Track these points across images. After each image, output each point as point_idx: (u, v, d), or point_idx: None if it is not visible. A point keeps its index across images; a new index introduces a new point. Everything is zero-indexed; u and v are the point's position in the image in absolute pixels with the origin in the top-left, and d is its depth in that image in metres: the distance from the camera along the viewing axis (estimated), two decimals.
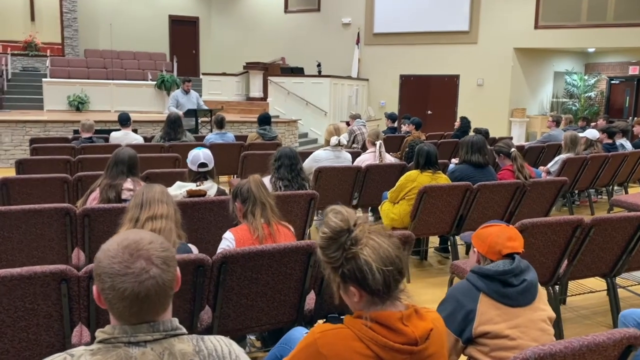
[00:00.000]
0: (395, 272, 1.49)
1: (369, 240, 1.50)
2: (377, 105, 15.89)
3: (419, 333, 1.47)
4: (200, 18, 17.96)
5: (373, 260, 1.47)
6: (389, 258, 1.48)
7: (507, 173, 4.85)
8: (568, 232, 3.39)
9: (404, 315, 1.49)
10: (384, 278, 1.46)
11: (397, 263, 1.50)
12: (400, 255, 1.53)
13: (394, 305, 1.50)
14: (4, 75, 13.93)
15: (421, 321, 1.52)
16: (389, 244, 1.52)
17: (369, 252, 1.48)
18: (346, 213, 1.56)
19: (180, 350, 1.28)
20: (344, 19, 16.11)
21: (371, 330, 1.46)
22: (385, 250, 1.49)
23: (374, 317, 1.48)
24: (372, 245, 1.49)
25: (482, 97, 14.71)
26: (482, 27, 14.60)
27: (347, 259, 1.50)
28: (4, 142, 9.92)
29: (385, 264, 1.47)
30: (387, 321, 1.47)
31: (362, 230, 1.52)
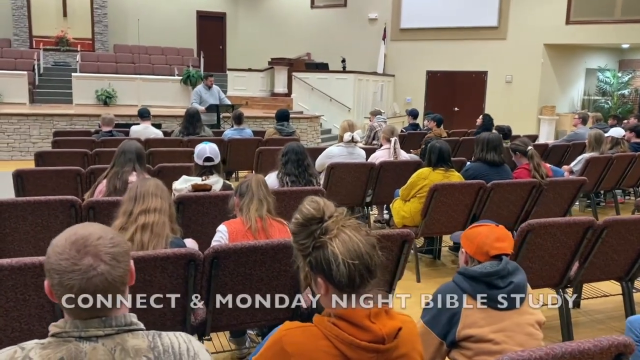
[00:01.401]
0: (362, 268, 1.44)
1: (341, 232, 1.47)
2: (403, 101, 15.74)
3: (386, 331, 1.43)
4: (227, 14, 18.06)
5: (340, 252, 1.43)
6: (357, 252, 1.44)
7: (523, 172, 4.72)
8: (579, 234, 3.28)
9: (372, 313, 1.44)
10: (348, 272, 1.42)
11: (365, 259, 1.45)
12: (371, 253, 1.48)
13: (361, 302, 1.46)
14: (36, 70, 14.26)
15: (390, 320, 1.47)
16: (362, 240, 1.47)
17: (337, 243, 1.44)
18: (323, 203, 1.54)
19: (134, 346, 1.26)
20: (370, 14, 15.99)
21: (337, 328, 1.42)
22: (355, 245, 1.45)
23: (340, 313, 1.44)
24: (342, 238, 1.45)
25: (510, 94, 14.43)
26: (512, 23, 14.30)
27: (315, 248, 1.48)
28: (32, 135, 10.16)
29: (352, 258, 1.43)
30: (353, 318, 1.43)
31: (335, 222, 1.49)
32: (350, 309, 1.44)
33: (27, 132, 10.18)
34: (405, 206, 4.65)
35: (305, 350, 1.42)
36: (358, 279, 1.44)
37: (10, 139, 10.10)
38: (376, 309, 1.45)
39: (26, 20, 15.93)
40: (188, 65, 15.21)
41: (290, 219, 4.09)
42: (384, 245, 2.84)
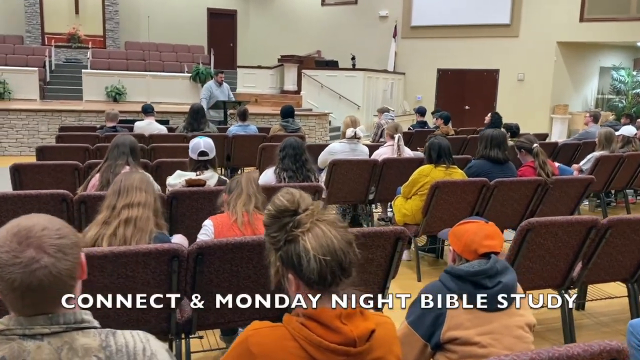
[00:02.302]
0: (334, 265, 1.36)
1: (314, 226, 1.39)
2: (414, 99, 15.60)
3: (358, 333, 1.34)
4: (238, 11, 18.05)
5: (311, 247, 1.35)
6: (329, 248, 1.35)
7: (528, 170, 4.60)
8: (581, 233, 3.16)
9: (343, 313, 1.36)
10: (319, 268, 1.34)
11: (338, 256, 1.37)
12: (346, 250, 1.39)
13: (333, 302, 1.37)
14: (47, 67, 14.33)
15: (363, 321, 1.38)
16: (336, 235, 1.39)
17: (309, 237, 1.36)
18: (298, 196, 1.46)
19: (83, 344, 1.19)
20: (381, 11, 15.87)
21: (305, 328, 1.34)
22: (328, 240, 1.37)
23: (309, 313, 1.36)
24: (315, 232, 1.37)
25: (522, 93, 14.23)
26: (524, 20, 14.11)
27: (287, 241, 1.40)
28: (41, 131, 10.19)
29: (324, 254, 1.35)
30: (322, 318, 1.34)
31: (309, 216, 1.41)
32: (320, 309, 1.35)
33: (35, 127, 10.22)
34: (406, 204, 4.55)
35: (271, 351, 1.34)
36: (329, 276, 1.36)
37: (19, 135, 10.15)
38: (348, 310, 1.36)
39: (38, 17, 16.03)
40: (198, 62, 15.20)
41: None
42: (377, 243, 2.78)
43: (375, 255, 2.79)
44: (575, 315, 3.88)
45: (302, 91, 13.86)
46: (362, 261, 2.82)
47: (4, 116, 10.08)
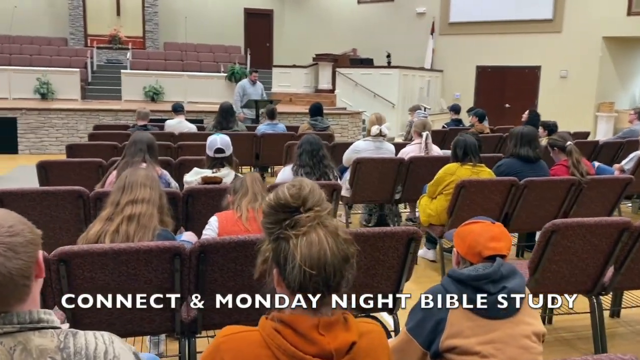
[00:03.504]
0: (320, 281, 1.23)
1: (312, 232, 1.26)
2: (452, 97, 15.25)
3: (335, 345, 1.23)
4: (274, 11, 18.08)
5: (300, 255, 1.23)
6: (319, 261, 1.23)
7: (561, 169, 4.38)
8: (613, 236, 2.96)
9: (322, 323, 1.25)
10: (302, 279, 1.23)
11: (327, 272, 1.24)
12: (338, 266, 1.25)
13: (314, 308, 1.27)
14: (89, 67, 14.70)
15: (344, 332, 1.27)
16: (333, 248, 1.25)
17: (302, 243, 1.24)
18: (307, 191, 1.31)
19: (39, 345, 1.13)
20: (418, 8, 15.61)
21: (280, 336, 1.24)
22: (321, 252, 1.24)
23: (286, 320, 1.26)
24: (310, 239, 1.24)
25: (565, 90, 13.73)
26: (568, 15, 13.61)
27: (279, 237, 1.29)
28: (79, 130, 10.44)
29: (311, 266, 1.23)
30: (298, 327, 1.24)
31: (311, 218, 1.27)
32: (297, 316, 1.25)
33: (74, 126, 10.48)
34: (431, 204, 4.41)
35: (243, 359, 1.26)
36: (311, 291, 1.25)
37: (59, 133, 10.43)
38: (327, 319, 1.25)
39: (82, 20, 16.46)
40: (235, 62, 15.29)
41: None
42: (389, 244, 2.66)
43: (387, 257, 2.68)
44: (609, 323, 3.68)
45: (337, 90, 13.75)
46: (373, 262, 2.73)
47: (45, 115, 10.37)
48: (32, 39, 15.55)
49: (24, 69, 12.88)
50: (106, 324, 2.47)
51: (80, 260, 2.26)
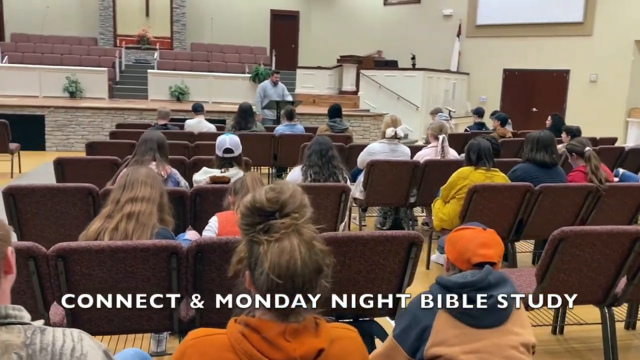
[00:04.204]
0: (287, 291, 1.21)
1: (285, 239, 1.22)
2: (478, 100, 15.06)
3: (301, 352, 1.21)
4: (300, 12, 18.13)
5: (268, 262, 1.21)
6: (288, 271, 1.20)
7: (579, 175, 4.26)
8: (625, 246, 2.86)
9: (289, 329, 1.23)
10: (269, 287, 1.22)
11: (295, 282, 1.21)
12: (309, 277, 1.22)
13: (282, 314, 1.25)
14: (117, 67, 14.96)
15: (312, 338, 1.24)
16: (305, 258, 1.22)
17: (272, 250, 1.21)
18: (286, 196, 1.27)
19: (4, 341, 1.14)
20: (445, 10, 15.46)
21: (246, 341, 1.23)
22: (292, 261, 1.20)
23: (253, 324, 1.24)
24: (282, 247, 1.21)
25: (595, 95, 13.42)
26: (599, 18, 13.30)
27: (253, 240, 1.27)
28: (105, 128, 10.61)
29: (279, 275, 1.20)
30: (265, 332, 1.22)
31: (286, 225, 1.24)
32: (264, 321, 1.24)
33: (100, 124, 10.67)
34: (444, 208, 4.35)
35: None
36: (277, 299, 1.22)
37: (85, 131, 10.63)
38: (294, 325, 1.23)
39: (111, 20, 16.77)
40: (260, 63, 15.37)
41: (313, 216, 3.87)
42: (389, 248, 2.62)
43: (387, 261, 2.64)
44: (624, 335, 3.58)
45: (360, 91, 13.71)
46: (373, 266, 2.69)
47: (72, 113, 10.59)
48: (63, 38, 15.91)
49: (54, 67, 13.18)
50: (105, 321, 2.49)
51: (77, 256, 2.28)
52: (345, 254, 2.59)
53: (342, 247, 2.56)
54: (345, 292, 2.69)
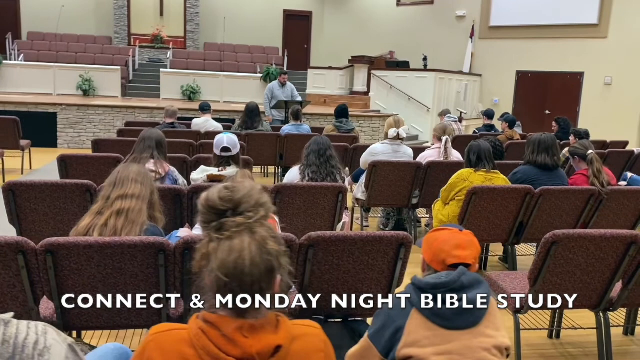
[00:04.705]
0: (236, 289, 1.22)
1: (235, 237, 1.23)
2: (490, 102, 14.95)
3: (258, 348, 1.22)
4: (313, 12, 18.15)
5: (218, 260, 1.23)
6: (235, 270, 1.21)
7: (581, 178, 4.22)
8: (619, 250, 2.83)
9: (246, 325, 1.24)
10: (217, 285, 1.23)
11: (244, 281, 1.22)
12: (258, 276, 1.22)
13: (239, 311, 1.25)
14: (130, 66, 15.10)
15: (270, 335, 1.25)
16: (255, 257, 1.22)
17: (222, 248, 1.23)
18: (241, 194, 1.28)
19: None
20: (458, 11, 15.37)
21: (204, 337, 1.24)
22: (239, 260, 1.21)
23: (212, 320, 1.25)
24: (232, 245, 1.22)
25: (609, 98, 13.26)
26: (614, 20, 13.13)
27: (208, 238, 1.29)
28: (115, 126, 10.71)
29: (226, 273, 1.21)
30: (223, 328, 1.24)
31: (237, 224, 1.25)
32: (222, 317, 1.25)
33: (111, 122, 10.77)
34: (444, 209, 4.33)
35: (169, 358, 1.25)
36: (230, 297, 1.23)
37: (97, 129, 10.74)
38: (252, 322, 1.24)
39: (126, 19, 16.93)
40: (272, 63, 15.42)
41: (310, 216, 3.88)
42: (377, 248, 2.61)
43: (376, 261, 2.64)
44: (622, 340, 3.53)
45: (371, 92, 13.69)
46: (362, 266, 2.69)
47: (84, 111, 10.71)
48: (78, 37, 16.10)
49: (68, 66, 13.34)
50: (94, 316, 2.52)
51: (66, 251, 2.31)
52: (333, 254, 2.59)
53: (331, 247, 2.57)
54: (335, 292, 2.72)
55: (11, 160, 7.84)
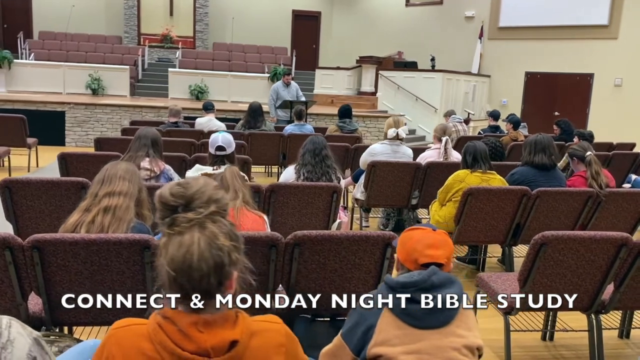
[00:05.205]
0: (184, 284, 1.23)
1: (186, 233, 1.24)
2: (499, 103, 14.86)
3: (212, 343, 1.22)
4: (322, 13, 18.16)
5: (168, 255, 1.23)
6: (183, 265, 1.21)
7: (579, 180, 4.19)
8: (609, 252, 2.81)
9: (202, 320, 1.24)
10: (167, 280, 1.24)
11: (193, 276, 1.22)
12: (207, 271, 1.22)
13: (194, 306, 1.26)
14: (139, 65, 15.20)
15: (227, 330, 1.26)
16: (204, 252, 1.22)
17: (172, 243, 1.23)
18: (194, 190, 1.28)
19: None
20: (467, 12, 15.30)
21: (161, 331, 1.25)
22: (187, 255, 1.22)
23: (169, 315, 1.27)
24: (182, 240, 1.23)
25: (619, 99, 13.13)
26: (625, 21, 13.00)
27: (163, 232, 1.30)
28: (122, 125, 10.78)
29: (174, 269, 1.22)
30: (179, 323, 1.25)
31: (188, 219, 1.25)
32: (179, 312, 1.26)
33: (118, 122, 10.85)
34: (440, 210, 4.32)
35: (127, 352, 1.26)
36: (178, 291, 1.24)
37: (104, 128, 10.83)
38: (207, 317, 1.24)
39: (136, 19, 17.05)
40: (280, 63, 15.44)
41: (304, 216, 3.89)
42: (364, 248, 2.62)
43: (363, 261, 2.64)
44: (617, 343, 3.50)
45: (378, 92, 13.66)
46: (349, 266, 2.69)
47: (92, 110, 10.80)
48: (88, 36, 16.23)
49: (77, 65, 13.45)
50: (83, 312, 2.54)
51: (52, 248, 2.33)
52: (320, 253, 2.60)
53: (317, 246, 2.57)
54: (322, 291, 2.73)
55: (18, 158, 7.93)
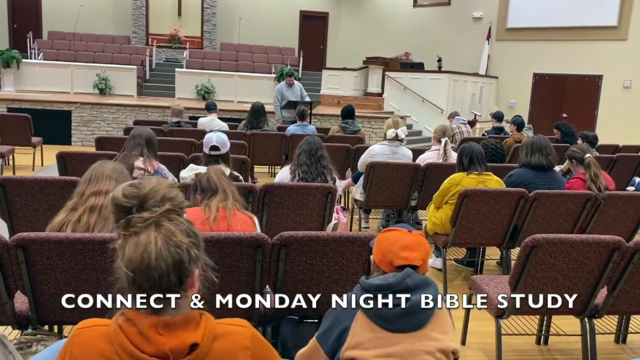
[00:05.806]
0: (143, 284, 1.22)
1: (142, 233, 1.23)
2: (506, 105, 14.77)
3: (171, 346, 1.21)
4: (330, 13, 18.14)
5: (125, 257, 1.23)
6: (141, 264, 1.20)
7: (578, 182, 4.13)
8: (602, 256, 2.76)
9: (161, 322, 1.23)
10: (127, 282, 1.23)
11: (151, 275, 1.21)
12: (166, 270, 1.21)
13: (155, 308, 1.25)
14: (147, 65, 15.27)
15: (188, 333, 1.24)
16: (162, 251, 1.22)
17: (129, 244, 1.23)
18: (147, 189, 1.28)
19: None
20: (475, 13, 15.21)
21: (121, 333, 1.24)
22: (144, 255, 1.21)
23: (130, 316, 1.25)
24: (139, 241, 1.22)
25: (628, 101, 13.00)
26: (634, 22, 12.87)
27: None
28: (128, 124, 10.83)
29: (133, 269, 1.21)
30: (139, 325, 1.23)
31: (143, 219, 1.24)
32: (139, 314, 1.24)
33: (124, 121, 10.90)
34: (437, 212, 4.28)
35: (87, 353, 1.25)
36: (138, 291, 1.23)
37: (110, 127, 10.89)
38: (167, 319, 1.23)
39: (144, 20, 17.14)
40: (287, 64, 15.44)
41: (299, 216, 3.88)
42: (351, 249, 2.60)
43: (350, 262, 2.62)
44: (613, 348, 3.46)
45: (385, 93, 13.62)
46: (337, 267, 2.68)
47: (98, 109, 10.87)
48: (97, 36, 16.33)
49: (85, 64, 13.54)
50: (68, 311, 2.54)
51: (37, 246, 2.34)
52: (306, 254, 2.58)
53: (303, 246, 2.56)
54: (309, 292, 2.71)
55: (23, 157, 7.99)
